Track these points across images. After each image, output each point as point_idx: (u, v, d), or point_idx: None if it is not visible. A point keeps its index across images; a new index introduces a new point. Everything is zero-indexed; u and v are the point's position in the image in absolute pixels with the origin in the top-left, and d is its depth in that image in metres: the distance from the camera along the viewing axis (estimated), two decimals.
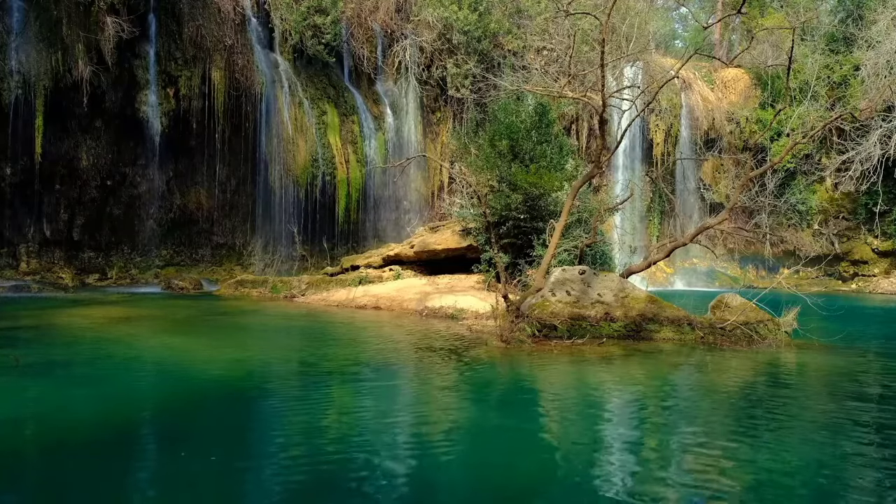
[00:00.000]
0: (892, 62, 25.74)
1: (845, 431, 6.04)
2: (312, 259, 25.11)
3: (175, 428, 6.06)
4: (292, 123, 24.21)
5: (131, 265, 23.88)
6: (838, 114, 17.34)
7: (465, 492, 4.65)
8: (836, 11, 29.92)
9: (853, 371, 9.31)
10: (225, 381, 7.89)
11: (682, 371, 9.40)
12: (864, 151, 25.64)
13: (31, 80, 20.17)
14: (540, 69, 23.46)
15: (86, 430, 5.78)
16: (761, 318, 11.43)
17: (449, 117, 27.78)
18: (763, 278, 28.89)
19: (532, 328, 11.02)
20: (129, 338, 11.11)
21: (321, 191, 24.73)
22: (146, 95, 22.23)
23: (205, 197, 24.67)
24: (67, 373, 8.20)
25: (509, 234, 17.12)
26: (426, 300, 15.93)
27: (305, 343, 11.73)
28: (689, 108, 29.86)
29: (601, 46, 11.15)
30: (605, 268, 16.57)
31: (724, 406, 7.23)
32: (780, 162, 14.42)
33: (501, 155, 17.93)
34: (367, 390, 7.70)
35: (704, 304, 12.61)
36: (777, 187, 24.60)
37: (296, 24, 24.67)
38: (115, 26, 20.52)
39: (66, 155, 21.91)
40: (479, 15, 26.44)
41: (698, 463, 5.12)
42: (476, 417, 6.66)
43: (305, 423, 6.09)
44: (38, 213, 22.11)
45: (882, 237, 28.39)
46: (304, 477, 4.72)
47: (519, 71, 24.60)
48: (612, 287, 11.94)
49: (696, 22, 35.93)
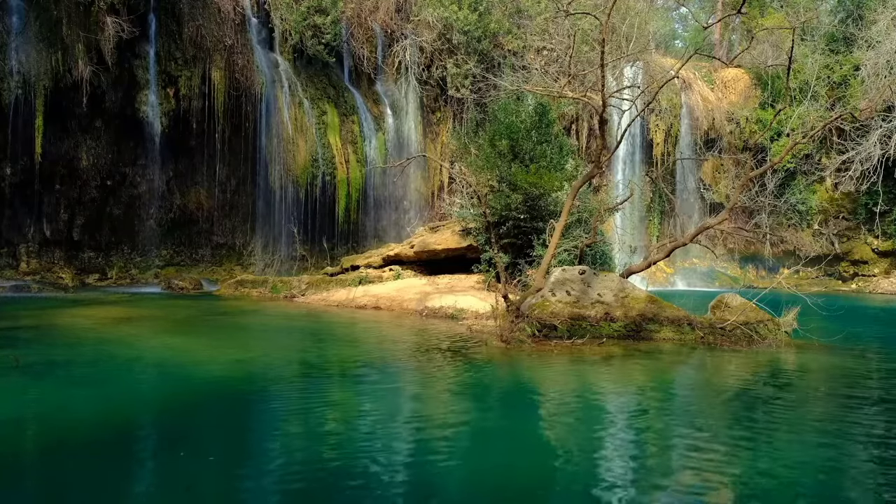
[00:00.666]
0: (892, 62, 25.74)
1: (845, 432, 6.04)
2: (312, 259, 25.11)
3: (175, 428, 6.07)
4: (292, 123, 24.22)
5: (131, 265, 23.88)
6: (838, 114, 17.33)
7: (465, 492, 4.65)
8: (836, 11, 29.92)
9: (853, 371, 9.31)
10: (225, 382, 7.89)
11: (683, 371, 9.41)
12: (864, 151, 25.65)
13: (31, 80, 20.18)
14: (540, 69, 23.45)
15: (86, 431, 5.78)
16: (761, 318, 11.43)
17: (449, 117, 27.78)
18: (763, 278, 28.89)
19: (532, 328, 11.02)
20: (129, 338, 11.12)
21: (321, 191, 24.74)
22: (146, 95, 22.23)
23: (205, 197, 24.67)
24: (68, 373, 8.20)
25: (509, 234, 17.12)
26: (426, 300, 15.94)
27: (306, 343, 11.73)
28: (689, 108, 29.87)
29: (601, 46, 11.16)
30: (605, 268, 16.57)
31: (724, 406, 7.23)
32: (780, 162, 14.43)
33: (501, 155, 17.93)
34: (368, 391, 7.70)
35: (704, 304, 12.61)
36: (777, 187, 24.59)
37: (296, 24, 24.68)
38: (115, 26, 20.52)
39: (66, 155, 21.91)
40: (479, 15, 26.45)
41: (698, 464, 5.12)
42: (476, 418, 6.66)
43: (306, 423, 6.10)
44: (38, 213, 22.10)
45: (882, 237, 28.39)
46: (305, 477, 4.73)
47: (519, 71, 24.60)
48: (612, 287, 11.94)
49: (696, 22, 35.93)
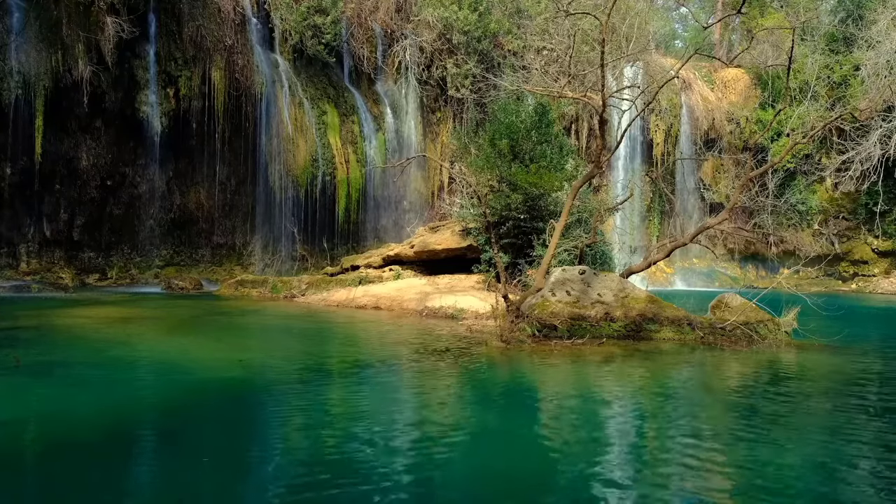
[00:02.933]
0: (892, 62, 25.74)
1: (845, 432, 6.04)
2: (312, 259, 25.12)
3: (176, 429, 6.07)
4: (292, 123, 24.22)
5: (131, 265, 23.88)
6: (838, 114, 17.33)
7: (465, 492, 4.65)
8: (836, 11, 29.92)
9: (853, 371, 9.31)
10: (225, 382, 7.89)
11: (683, 371, 9.41)
12: (864, 151, 25.66)
13: (31, 80, 20.18)
14: (540, 69, 23.45)
15: (86, 431, 5.78)
16: (761, 318, 11.43)
17: (449, 117, 27.79)
18: (763, 278, 28.89)
19: (532, 328, 11.02)
20: (129, 338, 11.11)
21: (321, 191, 24.75)
22: (146, 95, 22.24)
23: (205, 197, 24.68)
24: (68, 373, 8.20)
25: (509, 234, 17.13)
26: (426, 300, 15.93)
27: (306, 343, 11.72)
28: (689, 108, 29.88)
29: (601, 46, 11.16)
30: (605, 268, 16.57)
31: (725, 407, 7.23)
32: (780, 162, 14.44)
33: (501, 155, 17.94)
34: (368, 391, 7.70)
35: (704, 304, 12.60)
36: (777, 187, 24.63)
37: (296, 24, 24.68)
38: (115, 26, 20.53)
39: (66, 155, 21.91)
40: (479, 15, 26.45)
41: (699, 464, 5.12)
42: (476, 418, 6.66)
43: (306, 423, 6.10)
44: (38, 213, 22.10)
45: (882, 237, 28.40)
46: (305, 478, 4.72)
47: (519, 71, 24.61)
48: (612, 287, 11.94)
49: (696, 22, 35.95)
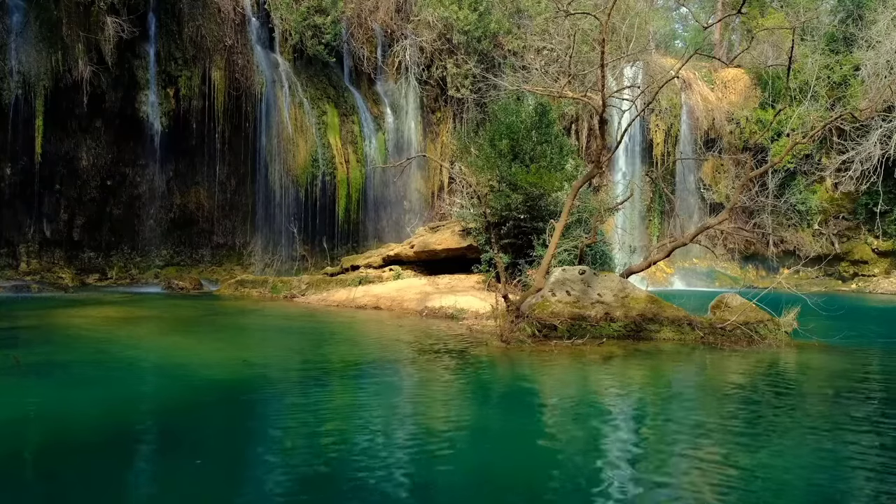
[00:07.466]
0: (892, 62, 25.74)
1: (845, 432, 6.04)
2: (312, 259, 25.11)
3: (175, 429, 6.07)
4: (292, 123, 24.22)
5: (131, 265, 23.88)
6: (838, 114, 17.33)
7: (465, 493, 4.65)
8: (836, 11, 29.92)
9: (853, 371, 9.31)
10: (225, 382, 7.89)
11: (683, 371, 9.41)
12: (864, 151, 25.66)
13: (31, 80, 20.18)
14: (540, 69, 23.44)
15: (86, 431, 5.78)
16: (761, 318, 11.42)
17: (449, 117, 27.79)
18: (763, 278, 28.88)
19: (532, 328, 11.02)
20: (129, 338, 11.11)
21: (321, 191, 24.74)
22: (146, 95, 22.24)
23: (205, 197, 24.68)
24: (68, 373, 8.19)
25: (509, 234, 17.12)
26: (426, 300, 15.93)
27: (306, 343, 11.72)
28: (689, 108, 29.87)
29: (601, 46, 11.15)
30: (605, 268, 16.57)
31: (724, 407, 7.23)
32: (780, 162, 14.45)
33: (501, 155, 17.93)
34: (368, 391, 7.70)
35: (704, 304, 12.60)
36: (777, 187, 24.63)
37: (296, 24, 24.68)
38: (115, 26, 20.53)
39: (66, 155, 21.91)
40: (479, 15, 26.45)
41: (699, 464, 5.12)
42: (476, 418, 6.66)
43: (306, 424, 6.10)
44: (38, 213, 22.10)
45: (882, 237, 28.39)
46: (305, 478, 4.73)
47: (519, 71, 24.59)
48: (612, 287, 11.94)
49: (696, 22, 35.90)
